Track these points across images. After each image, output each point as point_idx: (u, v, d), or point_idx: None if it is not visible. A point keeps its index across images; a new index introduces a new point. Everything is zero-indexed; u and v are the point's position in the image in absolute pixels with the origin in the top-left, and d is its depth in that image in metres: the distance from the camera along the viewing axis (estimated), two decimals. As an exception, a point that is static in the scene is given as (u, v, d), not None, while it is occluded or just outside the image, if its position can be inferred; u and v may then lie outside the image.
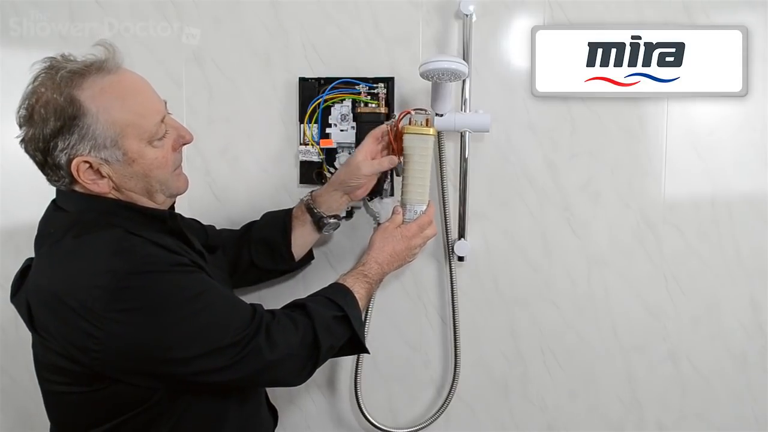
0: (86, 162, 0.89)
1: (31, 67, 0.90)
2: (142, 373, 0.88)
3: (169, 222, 0.99)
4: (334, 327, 1.00)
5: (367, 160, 1.16)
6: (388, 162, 1.16)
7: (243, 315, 0.92)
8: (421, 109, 1.19)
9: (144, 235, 0.90)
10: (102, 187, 0.92)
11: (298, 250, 1.25)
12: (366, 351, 1.07)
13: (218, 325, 0.89)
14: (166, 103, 0.99)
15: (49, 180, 0.94)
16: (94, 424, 0.93)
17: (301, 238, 1.25)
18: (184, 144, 0.99)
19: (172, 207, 1.06)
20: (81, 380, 0.90)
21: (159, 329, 0.86)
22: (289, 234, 1.23)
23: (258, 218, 1.28)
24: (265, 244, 1.23)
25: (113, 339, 0.84)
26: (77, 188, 0.93)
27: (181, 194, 1.02)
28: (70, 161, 0.88)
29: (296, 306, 1.01)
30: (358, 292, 1.06)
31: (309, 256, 1.32)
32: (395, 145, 1.17)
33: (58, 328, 0.87)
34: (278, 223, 1.24)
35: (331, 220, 1.22)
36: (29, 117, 0.89)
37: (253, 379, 0.96)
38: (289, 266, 1.27)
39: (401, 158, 1.17)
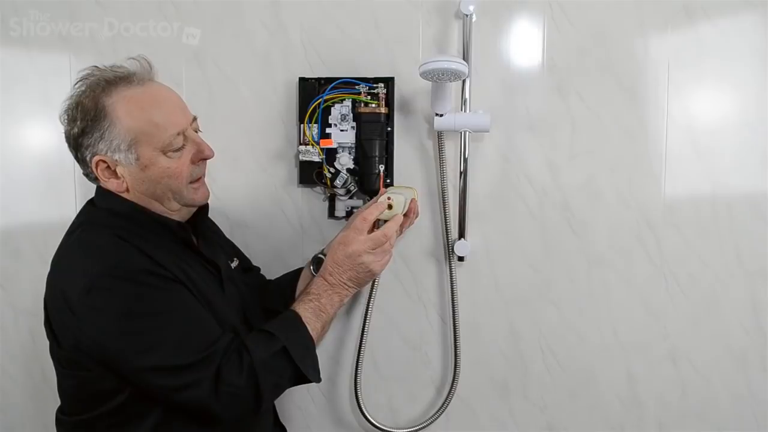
0: (103, 161, 0.97)
1: (78, 73, 0.99)
2: (108, 368, 0.93)
3: (178, 232, 1.03)
4: (274, 364, 0.96)
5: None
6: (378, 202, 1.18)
7: (198, 343, 0.92)
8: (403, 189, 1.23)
9: (134, 241, 0.94)
10: (117, 186, 0.99)
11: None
12: (314, 381, 1.01)
13: (170, 345, 0.90)
14: (195, 118, 1.04)
15: (84, 174, 1.02)
16: (80, 410, 1.00)
17: (303, 280, 1.26)
18: (203, 159, 1.03)
19: (199, 214, 1.10)
20: (63, 363, 0.99)
21: (115, 334, 0.90)
22: (297, 276, 1.28)
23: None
24: (276, 284, 1.30)
25: (81, 331, 0.91)
26: (102, 184, 1.01)
27: (197, 205, 1.07)
28: (91, 158, 0.97)
29: (242, 344, 0.96)
30: (304, 315, 1.03)
31: None
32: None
33: (52, 309, 0.97)
34: (296, 271, 1.30)
35: (321, 256, 1.23)
36: (67, 117, 0.98)
37: (201, 411, 0.93)
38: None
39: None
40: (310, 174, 1.33)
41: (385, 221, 1.18)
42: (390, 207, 1.13)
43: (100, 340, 0.91)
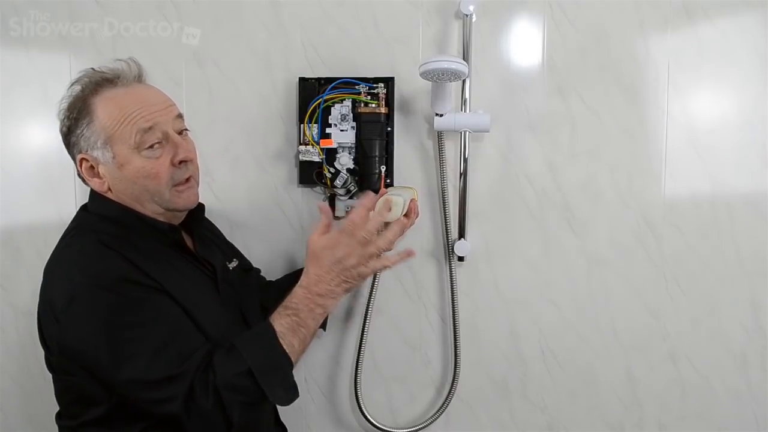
0: (86, 159, 0.99)
1: (76, 74, 1.01)
2: (89, 374, 0.93)
3: (169, 235, 1.03)
4: (238, 384, 0.90)
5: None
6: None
7: (174, 357, 0.90)
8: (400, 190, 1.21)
9: (120, 248, 0.94)
10: (99, 186, 1.00)
11: None
12: (282, 404, 0.95)
13: (144, 358, 0.89)
14: (179, 116, 1.02)
15: (78, 175, 1.03)
16: (73, 415, 1.00)
17: None
18: (181, 161, 1.00)
19: (194, 215, 1.10)
20: (55, 368, 1.00)
21: (93, 344, 0.90)
22: (298, 277, 1.23)
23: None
24: (276, 285, 1.30)
25: (64, 339, 0.93)
26: (87, 184, 1.02)
27: (180, 210, 1.04)
28: (76, 156, 1.00)
29: (210, 362, 0.92)
30: (279, 329, 0.95)
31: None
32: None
33: (42, 317, 0.98)
34: (296, 271, 1.29)
35: None
36: (60, 116, 1.00)
37: (180, 425, 0.90)
38: None
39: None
40: (310, 174, 1.33)
41: (386, 222, 1.18)
42: (389, 209, 1.12)
43: (80, 349, 0.91)
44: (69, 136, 0.99)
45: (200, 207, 1.12)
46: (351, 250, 0.97)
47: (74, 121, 0.97)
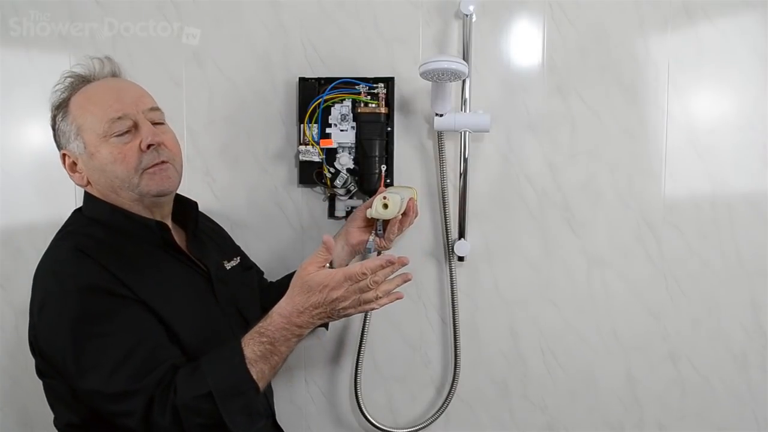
0: (67, 155, 1.02)
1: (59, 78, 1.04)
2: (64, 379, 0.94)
3: (158, 233, 1.02)
4: (198, 407, 0.87)
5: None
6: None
7: (135, 371, 0.88)
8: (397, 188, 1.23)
9: (99, 254, 0.94)
10: (79, 180, 1.03)
11: None
12: (245, 430, 0.90)
13: (106, 369, 0.88)
14: (154, 108, 1.02)
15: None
16: (62, 417, 1.01)
17: None
18: (149, 145, 0.98)
19: (186, 212, 1.10)
20: (43, 372, 1.00)
21: (61, 352, 0.91)
22: None
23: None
24: (277, 286, 1.28)
25: (38, 345, 0.96)
26: (71, 179, 1.04)
27: (153, 195, 1.00)
28: (60, 153, 1.03)
29: (172, 380, 0.90)
30: (249, 355, 0.90)
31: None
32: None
33: (29, 320, 0.99)
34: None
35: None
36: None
37: None
38: None
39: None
40: (310, 174, 1.33)
41: (384, 221, 1.18)
42: (386, 206, 1.12)
43: (51, 354, 0.93)
44: (54, 137, 1.03)
45: (193, 205, 1.12)
46: (349, 294, 0.91)
47: (53, 120, 1.02)
